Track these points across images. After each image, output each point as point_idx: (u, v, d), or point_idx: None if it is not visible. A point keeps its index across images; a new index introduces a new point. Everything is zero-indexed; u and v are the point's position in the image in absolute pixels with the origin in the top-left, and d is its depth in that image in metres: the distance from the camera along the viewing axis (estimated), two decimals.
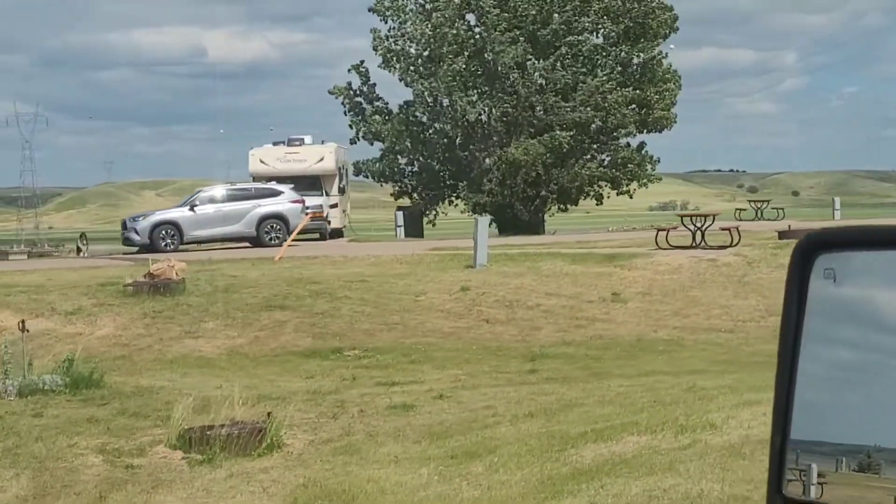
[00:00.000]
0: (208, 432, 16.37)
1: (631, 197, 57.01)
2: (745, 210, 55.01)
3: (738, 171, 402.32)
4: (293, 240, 43.86)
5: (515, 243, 39.10)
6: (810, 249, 1.78)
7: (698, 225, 33.25)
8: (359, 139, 54.10)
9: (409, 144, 53.79)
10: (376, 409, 18.95)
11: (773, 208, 54.58)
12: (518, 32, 52.20)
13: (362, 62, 54.93)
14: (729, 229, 33.20)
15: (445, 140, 54.19)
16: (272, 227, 41.73)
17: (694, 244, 32.74)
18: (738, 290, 28.85)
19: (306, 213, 43.23)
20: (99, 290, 28.02)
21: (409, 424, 17.80)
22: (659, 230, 33.53)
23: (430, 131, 54.06)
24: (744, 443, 12.39)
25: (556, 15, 52.36)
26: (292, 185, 43.95)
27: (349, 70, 54.92)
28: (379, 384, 21.16)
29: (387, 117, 53.98)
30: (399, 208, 54.97)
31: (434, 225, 55.81)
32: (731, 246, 32.30)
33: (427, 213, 55.16)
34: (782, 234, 35.83)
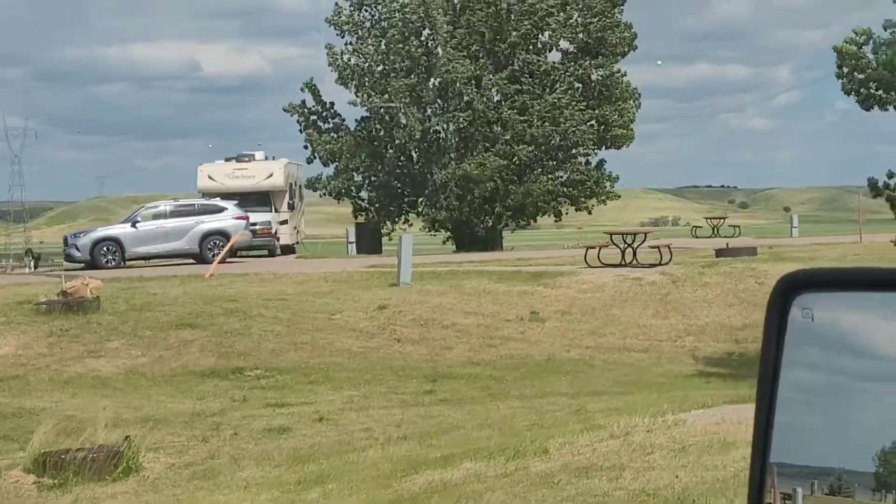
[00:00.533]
0: (64, 456, 16.09)
1: (590, 213, 56.70)
2: (700, 227, 54.81)
3: (729, 186, 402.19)
4: (239, 256, 43.79)
5: (455, 260, 38.90)
6: (788, 290, 1.81)
7: (629, 242, 32.98)
8: (314, 158, 53.77)
9: (365, 161, 53.46)
10: (251, 431, 18.71)
11: (729, 225, 54.38)
12: (476, 48, 51.99)
13: (312, 79, 54.69)
14: (658, 247, 32.92)
15: (402, 156, 53.92)
16: (215, 243, 41.38)
17: (623, 262, 32.47)
18: (659, 309, 28.59)
19: (250, 230, 42.99)
20: (13, 308, 27.72)
21: (279, 448, 17.57)
22: (588, 248, 33.24)
23: (387, 147, 53.76)
24: (561, 470, 12.13)
25: (513, 32, 52.10)
26: (236, 202, 43.64)
27: (302, 88, 54.69)
28: (268, 405, 20.91)
29: (341, 134, 53.70)
30: (357, 224, 54.67)
31: (391, 239, 55.49)
32: (660, 264, 32.02)
33: (384, 228, 54.83)
34: (719, 253, 35.60)
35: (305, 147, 53.67)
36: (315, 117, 54.61)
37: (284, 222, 49.19)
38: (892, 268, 1.91)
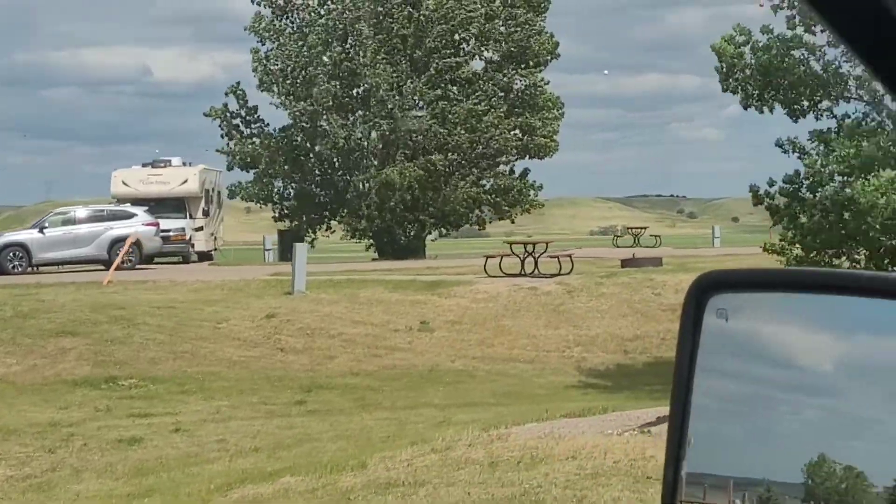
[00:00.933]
0: None
1: (513, 222, 56.62)
2: (621, 237, 54.81)
3: (679, 196, 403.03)
4: (155, 263, 43.35)
5: (364, 268, 38.61)
6: (703, 290, 1.81)
7: (530, 251, 32.81)
8: (235, 164, 53.25)
9: (286, 168, 53.09)
10: (102, 442, 18.37)
11: (650, 235, 54.41)
12: (398, 55, 51.74)
13: (238, 84, 54.30)
14: (558, 257, 32.76)
15: (324, 163, 53.60)
16: None
17: (523, 272, 32.28)
18: (551, 319, 28.41)
19: (161, 236, 42.60)
20: None
21: (126, 459, 17.27)
22: (488, 258, 33.01)
23: (308, 154, 53.42)
24: (364, 486, 11.91)
25: (433, 37, 51.81)
26: (147, 208, 43.21)
27: (226, 93, 54.21)
28: (131, 416, 20.57)
29: (261, 139, 53.33)
30: (279, 231, 54.27)
31: (314, 247, 55.09)
32: (559, 274, 31.84)
33: (307, 235, 54.42)
34: (625, 263, 35.50)
35: (224, 152, 53.23)
36: (238, 121, 54.16)
37: (200, 229, 48.81)
38: (803, 268, 1.91)
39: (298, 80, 52.30)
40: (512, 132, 53.32)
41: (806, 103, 22.05)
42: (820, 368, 1.74)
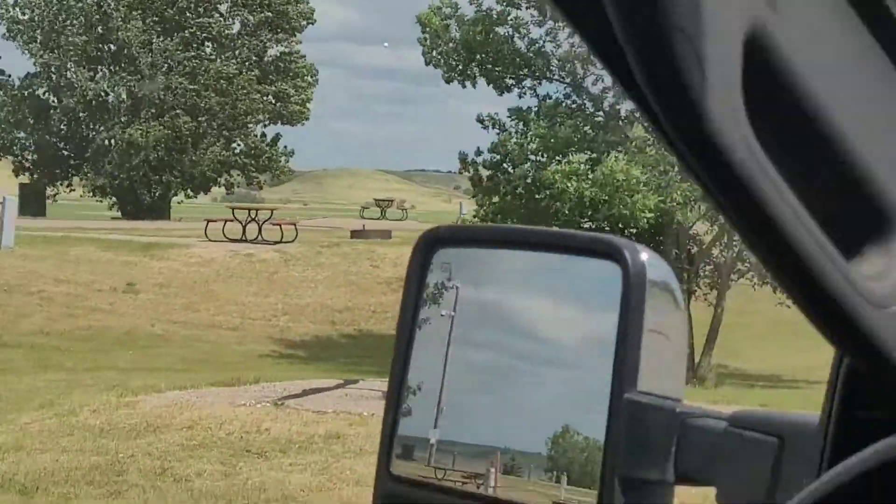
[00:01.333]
0: None
1: (261, 188, 56.07)
2: (368, 209, 54.78)
3: (455, 172, 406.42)
4: None
5: (88, 227, 37.59)
6: (429, 245, 1.74)
7: (253, 216, 32.35)
8: None
9: (29, 120, 51.53)
10: None
11: (398, 209, 54.43)
12: (152, 13, 50.62)
13: None
14: (280, 224, 32.37)
15: (68, 117, 52.15)
16: None
17: (244, 238, 31.79)
18: (263, 286, 28.01)
19: None
20: None
21: None
22: (209, 222, 32.40)
23: (56, 108, 51.92)
24: None
25: None
26: None
27: None
28: None
29: (5, 90, 51.64)
30: (21, 185, 52.57)
31: (56, 202, 53.73)
32: (282, 242, 31.45)
33: (49, 190, 52.98)
34: (354, 234, 35.36)
35: None
36: None
37: None
38: (528, 227, 1.99)
39: (48, 31, 50.75)
40: (265, 97, 52.76)
41: (510, 80, 22.04)
42: (559, 339, 1.71)
